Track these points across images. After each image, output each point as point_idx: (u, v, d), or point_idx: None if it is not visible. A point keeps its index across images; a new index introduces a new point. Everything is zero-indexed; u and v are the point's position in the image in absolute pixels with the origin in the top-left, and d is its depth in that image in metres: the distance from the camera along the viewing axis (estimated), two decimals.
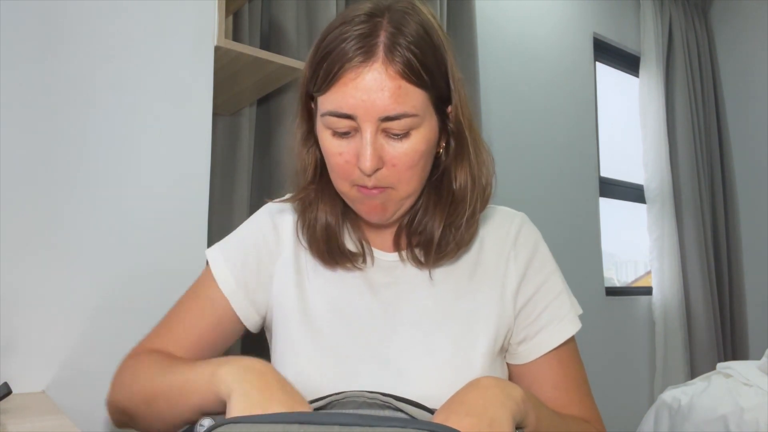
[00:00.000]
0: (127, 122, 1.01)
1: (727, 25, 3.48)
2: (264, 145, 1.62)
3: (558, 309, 0.78)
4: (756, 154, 3.31)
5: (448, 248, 0.75)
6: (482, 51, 2.27)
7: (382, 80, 0.64)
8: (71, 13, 0.96)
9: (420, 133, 0.68)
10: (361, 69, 0.64)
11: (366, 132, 0.66)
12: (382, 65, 0.64)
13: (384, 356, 0.72)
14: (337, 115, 0.66)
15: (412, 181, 0.70)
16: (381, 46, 0.64)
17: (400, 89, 0.64)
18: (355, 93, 0.64)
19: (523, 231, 0.81)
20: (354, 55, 0.64)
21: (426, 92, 0.67)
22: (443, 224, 0.74)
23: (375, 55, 0.64)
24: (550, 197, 2.61)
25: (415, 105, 0.66)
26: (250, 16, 1.54)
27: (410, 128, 0.67)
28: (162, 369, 0.69)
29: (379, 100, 0.64)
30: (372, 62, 0.64)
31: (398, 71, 0.64)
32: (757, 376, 1.79)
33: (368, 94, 0.64)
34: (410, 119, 0.66)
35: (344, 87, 0.65)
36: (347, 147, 0.68)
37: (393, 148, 0.67)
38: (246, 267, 0.79)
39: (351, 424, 0.49)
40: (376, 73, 0.64)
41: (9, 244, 0.88)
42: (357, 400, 0.63)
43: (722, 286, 3.18)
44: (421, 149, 0.68)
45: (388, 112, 0.64)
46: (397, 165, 0.67)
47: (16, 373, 0.86)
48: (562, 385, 0.77)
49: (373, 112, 0.65)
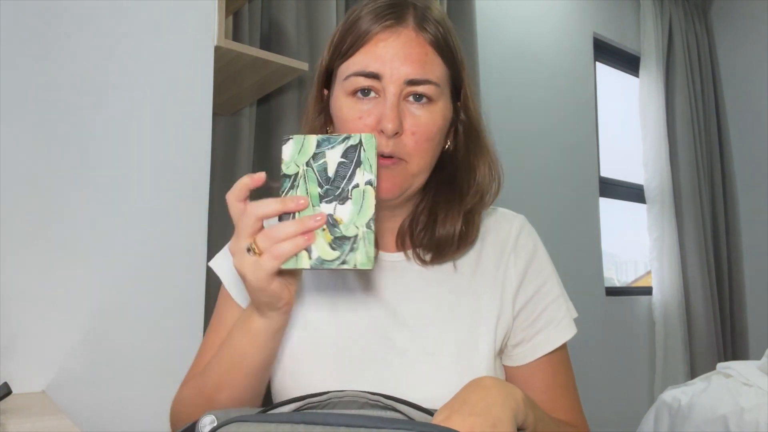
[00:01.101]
0: (127, 122, 1.01)
1: (727, 25, 3.48)
2: (264, 145, 1.62)
3: (555, 313, 0.78)
4: (756, 154, 3.31)
5: (453, 245, 0.75)
6: (482, 51, 2.27)
7: (412, 44, 0.68)
8: (71, 12, 0.96)
9: (439, 107, 0.70)
10: (391, 31, 0.68)
11: (390, 94, 0.67)
12: (413, 31, 0.68)
13: (385, 359, 0.72)
14: (364, 74, 0.68)
15: (425, 156, 0.71)
16: (411, 15, 0.69)
17: (428, 56, 0.68)
18: (384, 53, 0.67)
19: (523, 233, 0.81)
20: (386, 19, 0.68)
21: (447, 69, 0.70)
22: (461, 218, 0.75)
23: (406, 21, 0.68)
24: (550, 197, 2.61)
25: (439, 76, 0.69)
26: (250, 16, 1.54)
27: (431, 97, 0.69)
28: (201, 376, 0.71)
29: (407, 62, 0.67)
30: (402, 27, 0.68)
31: (428, 39, 0.68)
32: (757, 376, 1.79)
33: (397, 53, 0.67)
34: (433, 87, 0.68)
35: (374, 47, 0.68)
36: (367, 110, 0.69)
37: (413, 116, 0.69)
38: None
39: (358, 426, 0.49)
40: (405, 37, 0.68)
41: (9, 244, 0.88)
42: (359, 400, 0.63)
43: (722, 286, 3.18)
44: (439, 123, 0.70)
45: (414, 75, 0.67)
46: (417, 133, 0.69)
47: (16, 373, 0.86)
48: (552, 390, 0.77)
49: (400, 74, 0.67)
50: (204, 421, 0.59)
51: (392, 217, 0.78)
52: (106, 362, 0.95)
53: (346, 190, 0.56)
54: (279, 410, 0.61)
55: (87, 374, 0.93)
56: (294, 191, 0.56)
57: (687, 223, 3.03)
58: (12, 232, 0.88)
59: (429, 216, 0.76)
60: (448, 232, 0.74)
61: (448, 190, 0.76)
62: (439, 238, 0.75)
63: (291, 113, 1.58)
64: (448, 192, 0.76)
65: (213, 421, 0.59)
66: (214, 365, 0.69)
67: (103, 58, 0.99)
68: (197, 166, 1.08)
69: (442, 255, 0.75)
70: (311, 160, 0.57)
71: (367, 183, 0.56)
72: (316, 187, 0.56)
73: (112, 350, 0.96)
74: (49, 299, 0.90)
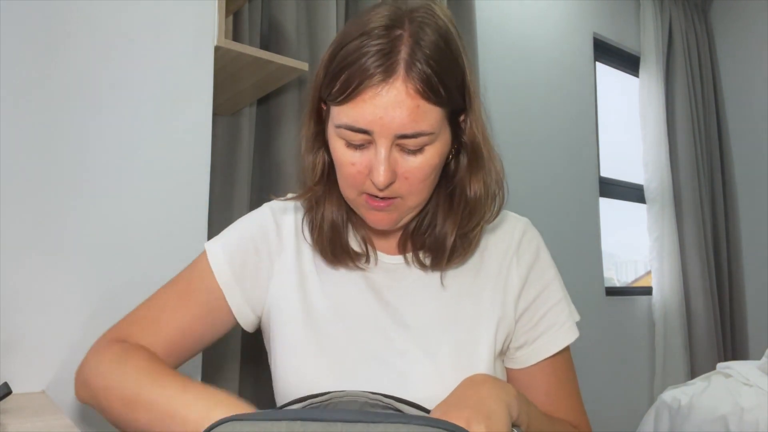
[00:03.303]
0: (127, 122, 1.01)
1: (727, 25, 3.48)
2: (264, 145, 1.62)
3: (557, 316, 0.78)
4: (756, 154, 3.30)
5: (456, 254, 0.75)
6: (482, 51, 2.27)
7: (401, 99, 0.64)
8: (71, 13, 0.96)
9: (434, 148, 0.68)
10: (380, 87, 0.64)
11: (381, 147, 0.66)
12: (402, 83, 0.64)
13: (385, 359, 0.72)
14: (353, 130, 0.66)
15: (422, 193, 0.71)
16: (402, 63, 0.64)
17: (419, 108, 0.64)
18: (374, 110, 0.64)
19: (527, 236, 0.81)
20: (375, 72, 0.63)
21: (442, 109, 0.67)
22: (455, 232, 0.74)
23: (395, 73, 0.64)
24: (550, 197, 2.61)
25: (432, 123, 0.66)
26: (250, 16, 1.54)
27: (425, 144, 0.67)
28: (150, 377, 0.66)
29: (397, 118, 0.64)
30: (392, 80, 0.63)
31: (417, 90, 0.64)
32: (757, 376, 1.79)
33: (386, 111, 0.64)
34: (426, 137, 0.66)
35: (363, 103, 0.64)
36: (360, 158, 0.68)
37: (406, 162, 0.67)
38: (245, 266, 0.78)
39: (353, 421, 0.49)
40: (395, 92, 0.63)
41: (9, 244, 0.88)
42: (358, 399, 0.63)
43: (722, 286, 3.17)
44: (434, 163, 0.69)
45: (405, 130, 0.65)
46: (410, 178, 0.68)
47: (16, 373, 0.86)
48: (555, 392, 0.78)
49: (390, 130, 0.65)
50: None
51: None
52: None
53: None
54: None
55: None
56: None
57: (687, 223, 3.03)
58: (12, 232, 0.88)
59: (430, 223, 0.76)
60: (446, 247, 0.74)
61: (448, 205, 0.76)
62: (438, 248, 0.75)
63: (291, 113, 1.58)
64: (447, 207, 0.75)
65: None
66: (147, 390, 0.64)
67: (102, 58, 0.99)
68: (197, 166, 1.08)
69: (441, 260, 0.75)
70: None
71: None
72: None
73: None
74: (49, 299, 0.90)
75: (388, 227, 0.73)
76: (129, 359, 0.69)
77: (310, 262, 0.79)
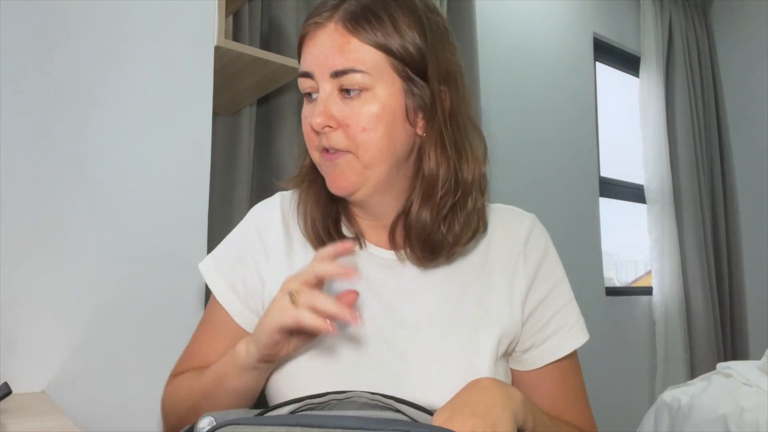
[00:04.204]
0: (127, 122, 1.01)
1: (727, 25, 3.48)
2: (264, 145, 1.62)
3: (566, 318, 0.76)
4: (756, 154, 3.30)
5: (443, 243, 0.71)
6: (482, 51, 2.27)
7: (333, 37, 0.68)
8: (71, 13, 0.96)
9: (373, 95, 0.67)
10: (317, 30, 0.69)
11: (322, 90, 0.68)
12: (334, 24, 0.68)
13: (385, 361, 0.71)
14: (301, 75, 0.71)
15: (370, 147, 0.67)
16: (339, 9, 0.68)
17: (349, 44, 0.67)
18: (311, 51, 0.69)
19: (534, 233, 0.78)
20: (316, 21, 0.69)
21: (380, 51, 0.67)
22: (436, 218, 0.70)
23: (332, 18, 0.68)
24: (550, 197, 2.61)
25: (365, 62, 0.67)
26: (250, 16, 1.54)
27: (362, 87, 0.67)
28: (195, 377, 0.73)
29: (329, 55, 0.67)
30: (326, 23, 0.68)
31: (346, 27, 0.67)
32: (757, 376, 1.79)
33: (321, 50, 0.68)
34: (360, 75, 0.67)
35: (305, 50, 0.70)
36: (311, 110, 0.70)
37: (345, 107, 0.68)
38: (246, 285, 0.77)
39: (353, 428, 0.49)
40: (328, 32, 0.68)
41: (9, 245, 0.88)
42: (358, 400, 0.62)
43: (722, 286, 3.17)
44: (375, 111, 0.67)
45: (336, 66, 0.67)
46: (350, 125, 0.67)
47: (16, 373, 0.86)
48: (562, 396, 0.76)
49: (325, 67, 0.68)
50: (203, 422, 0.59)
51: (380, 215, 0.75)
52: (105, 362, 0.95)
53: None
54: (277, 412, 0.60)
55: (87, 374, 0.93)
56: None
57: (687, 223, 3.03)
58: (12, 233, 0.88)
59: (417, 208, 0.71)
60: (435, 230, 0.70)
61: (428, 184, 0.70)
62: (428, 236, 0.70)
63: (291, 113, 1.58)
64: (428, 186, 0.70)
65: (211, 422, 0.59)
66: (205, 375, 0.72)
67: (102, 58, 0.99)
68: (197, 166, 1.08)
69: (436, 254, 0.72)
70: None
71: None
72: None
73: (112, 350, 0.96)
74: (49, 299, 0.90)
75: (347, 191, 0.70)
76: (182, 378, 0.77)
77: (304, 258, 0.76)
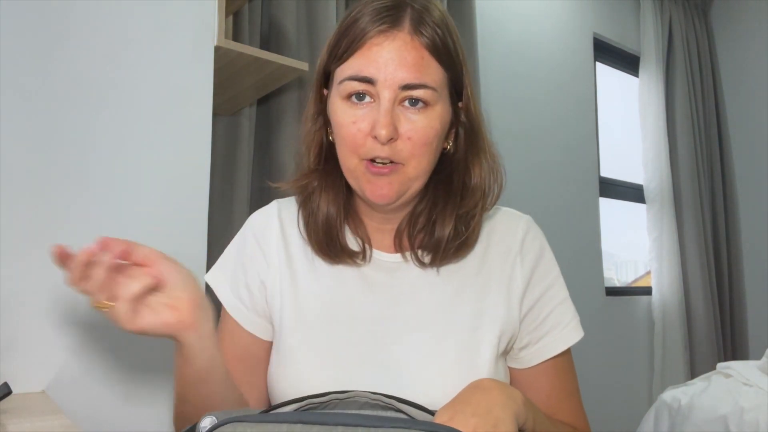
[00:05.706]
0: (127, 122, 1.01)
1: (727, 25, 3.48)
2: (264, 145, 1.62)
3: (562, 316, 0.77)
4: (756, 154, 3.30)
5: (455, 245, 0.73)
6: (482, 51, 2.27)
7: (407, 49, 0.66)
8: (71, 13, 0.96)
9: (436, 111, 0.68)
10: (386, 35, 0.66)
11: (384, 99, 0.66)
12: (408, 35, 0.66)
13: (385, 361, 0.71)
14: (358, 79, 0.67)
15: (423, 160, 0.69)
16: (408, 18, 0.67)
17: (423, 60, 0.66)
18: (378, 57, 0.66)
19: (530, 235, 0.79)
20: (382, 22, 0.66)
21: (445, 72, 0.69)
22: (454, 220, 0.73)
23: (401, 25, 0.66)
24: (550, 197, 2.61)
25: (435, 79, 0.67)
26: (250, 16, 1.54)
27: (428, 102, 0.67)
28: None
29: (402, 66, 0.65)
30: (398, 31, 0.66)
31: (423, 43, 0.66)
32: (757, 376, 1.79)
33: (392, 59, 0.65)
34: (429, 92, 0.67)
35: (368, 51, 0.66)
36: (362, 115, 0.67)
37: (409, 120, 0.67)
38: (252, 293, 0.78)
39: (354, 425, 0.49)
40: (401, 42, 0.66)
41: (9, 244, 0.88)
42: (360, 400, 0.62)
43: (722, 286, 3.17)
44: (436, 127, 0.68)
45: (409, 80, 0.65)
46: (413, 138, 0.67)
47: (16, 373, 0.86)
48: (556, 393, 0.77)
49: (395, 79, 0.65)
50: (204, 421, 0.59)
51: (392, 218, 0.77)
52: (106, 362, 0.95)
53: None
54: (279, 411, 0.61)
55: (87, 374, 0.93)
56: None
57: (687, 223, 3.03)
58: (12, 232, 0.88)
59: (427, 217, 0.74)
60: (445, 235, 0.73)
61: (446, 191, 0.74)
62: (437, 240, 0.73)
63: (291, 113, 1.58)
64: (445, 193, 0.74)
65: (213, 421, 0.59)
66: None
67: (102, 58, 0.99)
68: (197, 166, 1.08)
69: (441, 257, 0.74)
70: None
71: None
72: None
73: (112, 350, 0.96)
74: (49, 299, 0.90)
75: (389, 200, 0.70)
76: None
77: (303, 265, 0.77)
